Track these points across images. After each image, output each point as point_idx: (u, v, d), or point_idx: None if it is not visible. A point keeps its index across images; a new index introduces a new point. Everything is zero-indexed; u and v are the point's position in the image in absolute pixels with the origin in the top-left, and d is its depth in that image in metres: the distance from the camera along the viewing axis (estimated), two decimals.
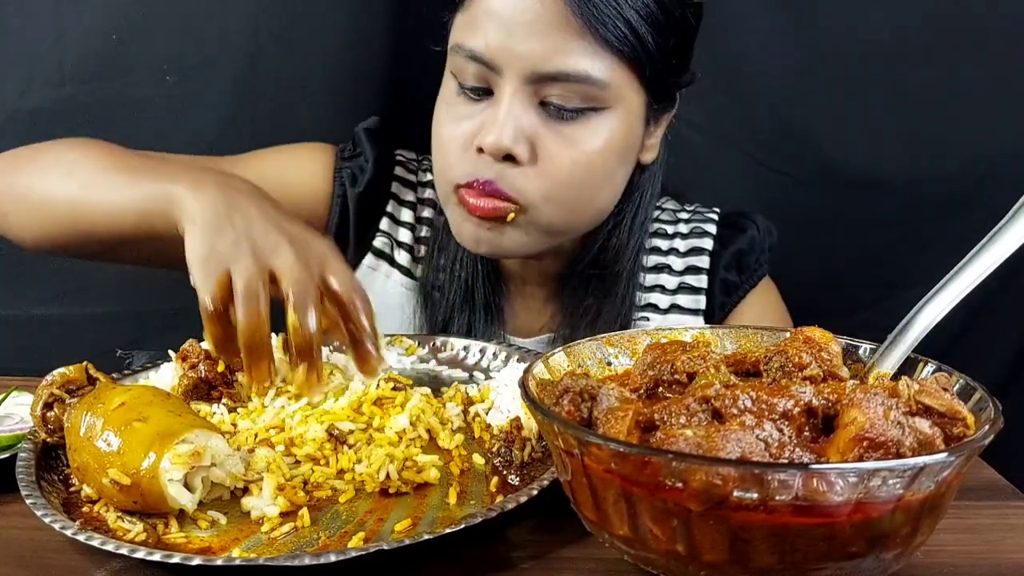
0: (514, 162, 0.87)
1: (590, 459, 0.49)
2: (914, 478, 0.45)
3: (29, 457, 0.65)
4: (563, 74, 0.85)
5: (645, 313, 1.06)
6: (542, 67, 0.85)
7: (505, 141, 0.86)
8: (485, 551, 0.59)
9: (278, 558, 0.53)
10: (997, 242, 0.57)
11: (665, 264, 1.08)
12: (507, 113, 0.86)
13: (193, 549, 0.57)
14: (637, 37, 0.86)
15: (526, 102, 0.87)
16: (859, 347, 0.62)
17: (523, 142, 0.87)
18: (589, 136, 0.89)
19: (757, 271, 1.09)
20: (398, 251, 1.08)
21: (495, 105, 0.88)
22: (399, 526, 0.59)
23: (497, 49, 0.85)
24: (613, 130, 0.90)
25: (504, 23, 0.85)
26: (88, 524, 0.59)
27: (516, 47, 0.85)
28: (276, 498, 0.61)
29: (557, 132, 0.88)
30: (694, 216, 1.11)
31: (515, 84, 0.86)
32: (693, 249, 1.08)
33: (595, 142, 0.89)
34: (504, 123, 0.86)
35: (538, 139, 0.88)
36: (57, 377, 0.68)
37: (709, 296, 1.06)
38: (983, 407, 0.52)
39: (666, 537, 0.48)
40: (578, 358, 0.64)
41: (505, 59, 0.85)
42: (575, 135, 0.89)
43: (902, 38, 1.29)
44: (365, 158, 1.06)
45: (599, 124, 0.89)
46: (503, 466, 0.67)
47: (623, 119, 0.91)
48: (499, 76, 0.87)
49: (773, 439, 0.48)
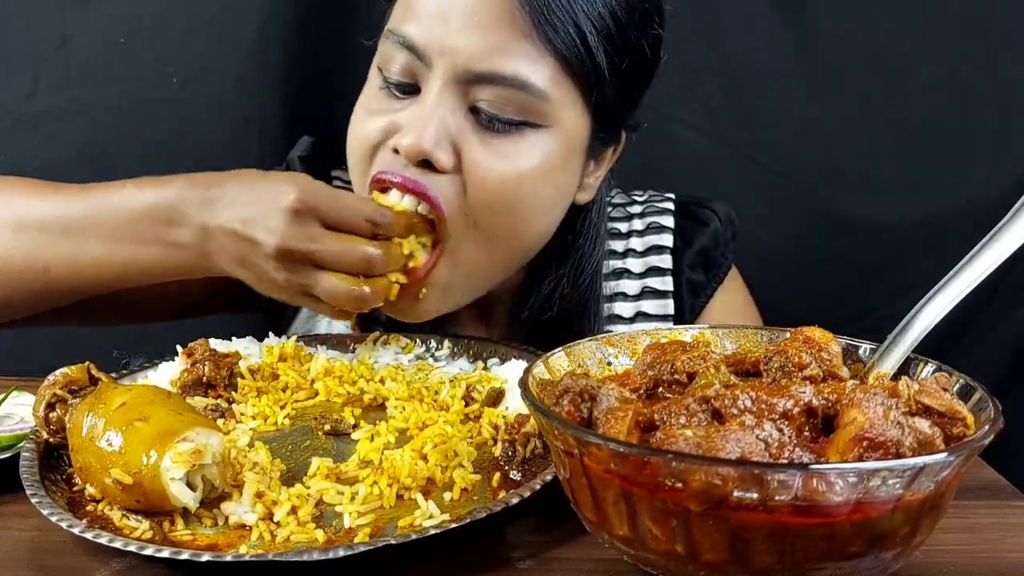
0: (433, 170, 0.78)
1: (590, 459, 0.49)
2: (914, 478, 0.45)
3: (32, 457, 0.65)
4: (499, 76, 0.76)
5: (610, 326, 0.98)
6: (476, 65, 0.76)
7: (426, 142, 0.76)
8: (485, 551, 0.59)
9: (286, 553, 0.53)
10: (997, 242, 0.57)
11: (624, 268, 1.00)
12: (432, 112, 0.77)
13: (200, 546, 0.57)
14: (587, 48, 0.77)
15: (455, 103, 0.78)
16: (859, 347, 0.62)
17: (446, 146, 0.77)
18: (522, 153, 0.79)
19: (723, 265, 1.03)
20: None
21: (420, 102, 0.79)
22: (403, 522, 0.59)
23: (429, 38, 0.77)
24: (549, 152, 0.80)
25: (441, 12, 0.77)
26: (94, 523, 0.59)
27: (450, 39, 0.76)
28: (255, 505, 0.60)
29: (486, 143, 0.78)
30: (647, 209, 1.03)
31: (444, 80, 0.77)
32: (652, 248, 1.01)
33: (528, 161, 0.79)
34: (427, 122, 0.76)
35: (464, 146, 0.78)
36: (59, 377, 0.68)
37: (677, 299, 1.00)
38: (983, 407, 0.53)
39: (666, 537, 0.48)
40: (578, 358, 0.64)
41: (437, 50, 0.77)
42: (506, 149, 0.79)
43: (902, 38, 1.29)
44: None
45: (535, 142, 0.80)
46: (505, 462, 0.67)
47: (562, 142, 0.81)
48: (428, 69, 0.78)
49: (773, 439, 0.48)
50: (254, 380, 0.77)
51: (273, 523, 0.59)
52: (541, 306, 0.92)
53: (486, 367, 0.85)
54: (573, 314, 0.93)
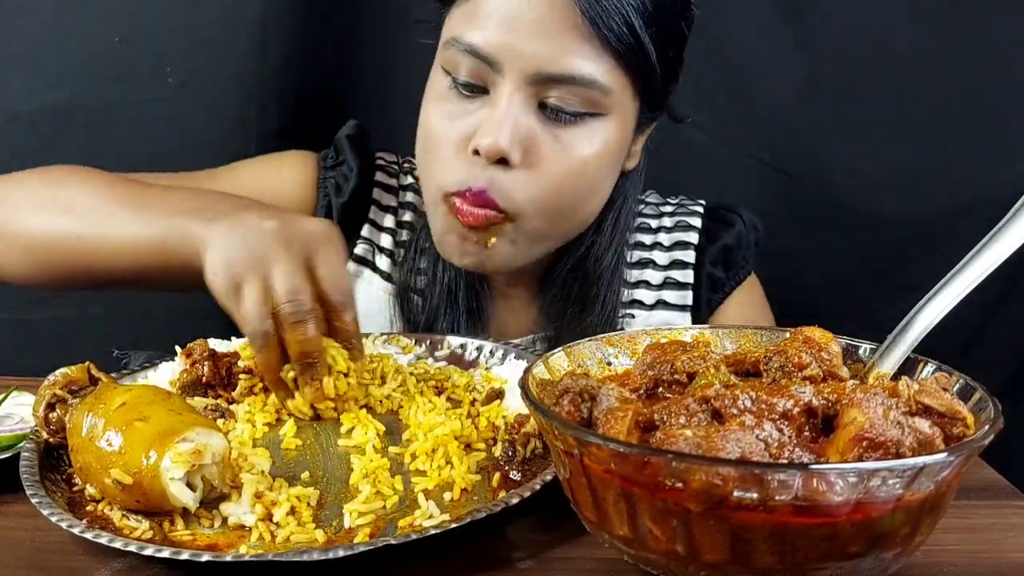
0: (507, 165, 0.85)
1: (590, 459, 0.49)
2: (914, 478, 0.45)
3: (32, 457, 0.65)
4: (569, 76, 0.83)
5: (631, 310, 1.04)
6: (547, 68, 0.83)
7: (503, 143, 0.83)
8: (485, 550, 0.59)
9: (286, 553, 0.53)
10: (997, 242, 0.57)
11: (649, 259, 1.06)
12: (506, 114, 0.84)
13: (200, 546, 0.57)
14: (640, 43, 0.84)
15: (525, 103, 0.85)
16: (859, 347, 0.62)
17: (519, 145, 0.84)
18: (586, 142, 0.87)
19: (744, 268, 1.08)
20: (379, 257, 1.06)
21: (492, 105, 0.85)
22: (403, 522, 0.59)
23: (499, 46, 0.83)
24: (609, 137, 0.88)
25: (508, 20, 0.83)
26: (94, 523, 0.59)
27: (520, 46, 0.82)
28: (254, 506, 0.60)
29: (554, 136, 0.86)
30: (678, 209, 1.09)
31: (515, 83, 0.84)
32: (678, 243, 1.06)
33: (590, 148, 0.87)
34: (502, 124, 0.83)
35: (534, 142, 0.85)
36: (59, 377, 0.68)
37: (695, 292, 1.05)
38: (983, 407, 0.53)
39: (666, 537, 0.48)
40: (578, 358, 0.64)
41: (507, 57, 0.83)
42: (572, 140, 0.87)
43: (902, 36, 1.29)
44: (348, 166, 1.05)
45: (596, 130, 0.87)
46: (505, 462, 0.67)
47: (619, 126, 0.89)
48: (498, 74, 0.84)
49: (773, 439, 0.48)
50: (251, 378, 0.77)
51: (273, 523, 0.59)
52: (577, 262, 0.99)
53: (486, 367, 0.85)
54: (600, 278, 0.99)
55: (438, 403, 0.75)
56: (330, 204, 1.04)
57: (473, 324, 1.01)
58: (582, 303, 0.99)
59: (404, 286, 1.03)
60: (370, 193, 1.07)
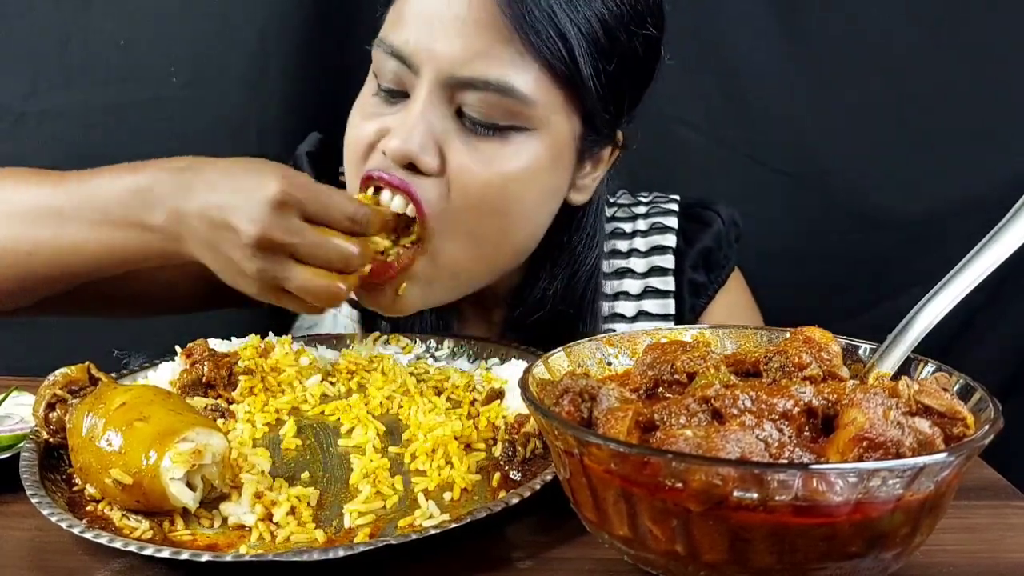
0: (419, 173, 0.78)
1: (590, 459, 0.49)
2: (914, 478, 0.45)
3: (32, 457, 0.65)
4: (482, 81, 0.77)
5: (611, 324, 0.99)
6: (460, 71, 0.77)
7: (412, 146, 0.77)
8: (485, 550, 0.59)
9: (286, 553, 0.53)
10: (997, 242, 0.57)
11: (627, 268, 1.01)
12: (418, 117, 0.78)
13: (200, 546, 0.57)
14: (571, 53, 0.77)
15: (441, 108, 0.78)
16: (859, 347, 0.62)
17: (432, 151, 0.78)
18: (507, 156, 0.79)
19: (725, 267, 1.03)
20: None
21: (407, 108, 0.80)
22: (403, 522, 0.59)
23: (415, 46, 0.78)
24: (536, 155, 0.80)
25: (427, 19, 0.78)
26: (94, 523, 0.59)
27: (435, 46, 0.77)
28: (254, 506, 0.60)
29: (472, 147, 0.79)
30: (652, 209, 1.04)
31: (430, 86, 0.78)
32: (655, 248, 1.01)
33: (513, 164, 0.79)
34: (413, 127, 0.77)
35: (449, 150, 0.79)
36: (59, 377, 0.68)
37: (678, 299, 1.00)
38: (983, 407, 0.53)
39: (666, 537, 0.48)
40: (578, 358, 0.64)
41: (422, 58, 0.78)
42: (491, 152, 0.79)
43: (902, 39, 1.29)
44: None
45: (520, 145, 0.80)
46: (505, 462, 0.67)
47: (549, 145, 0.81)
48: (415, 76, 0.79)
49: (773, 439, 0.48)
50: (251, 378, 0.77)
51: (273, 523, 0.59)
52: (534, 305, 0.92)
53: (487, 367, 0.85)
54: (569, 314, 0.93)
55: (438, 403, 0.75)
56: None
57: None
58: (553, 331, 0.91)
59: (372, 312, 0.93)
60: None
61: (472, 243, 0.82)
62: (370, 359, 0.83)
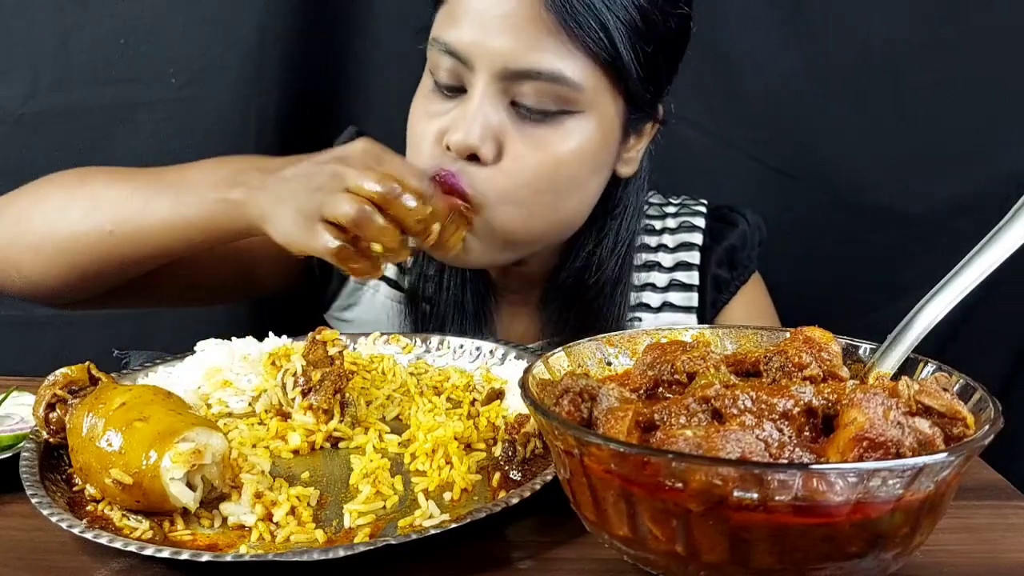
0: (479, 161, 0.85)
1: (590, 459, 0.49)
2: (914, 478, 0.45)
3: (32, 457, 0.65)
4: (534, 72, 0.83)
5: (637, 313, 1.04)
6: (513, 64, 0.83)
7: (472, 139, 0.83)
8: (485, 550, 0.59)
9: (286, 554, 0.53)
10: (997, 242, 0.57)
11: (654, 261, 1.06)
12: (476, 110, 0.84)
13: (200, 546, 0.57)
14: (612, 41, 0.83)
15: (496, 100, 0.85)
16: (859, 347, 0.62)
17: (490, 141, 0.84)
18: (560, 139, 0.86)
19: (748, 267, 1.08)
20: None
21: (466, 102, 0.86)
22: (403, 522, 0.59)
23: (469, 43, 0.84)
24: (586, 135, 0.87)
25: (478, 17, 0.83)
26: (94, 523, 0.59)
27: (488, 42, 0.83)
28: (254, 506, 0.60)
29: (526, 134, 0.86)
30: (681, 210, 1.10)
31: (486, 81, 0.84)
32: (682, 244, 1.07)
33: (565, 146, 0.87)
34: (472, 121, 0.84)
35: (506, 139, 0.85)
36: (60, 377, 0.68)
37: (701, 293, 1.05)
38: (983, 407, 0.53)
39: (666, 537, 0.48)
40: (578, 358, 0.64)
41: (477, 54, 0.84)
42: (545, 137, 0.86)
43: (902, 39, 1.29)
44: None
45: (571, 128, 0.87)
46: (505, 462, 0.67)
47: (597, 125, 0.88)
48: (471, 72, 0.85)
49: (773, 439, 0.48)
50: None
51: (273, 523, 0.59)
52: (578, 272, 0.98)
53: (487, 367, 0.85)
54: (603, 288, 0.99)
55: (438, 403, 0.76)
56: None
57: (479, 330, 1.01)
58: (585, 314, 0.99)
59: (413, 292, 1.03)
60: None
61: (522, 214, 0.88)
62: (370, 359, 0.83)
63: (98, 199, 0.87)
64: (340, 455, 0.69)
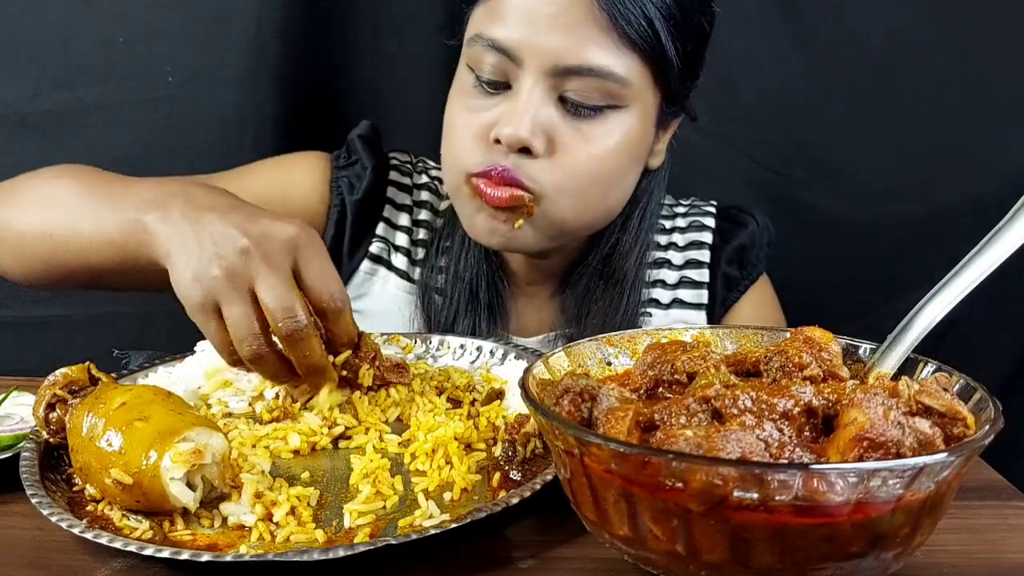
0: (529, 155, 0.87)
1: (590, 459, 0.49)
2: (914, 478, 0.45)
3: (32, 457, 0.65)
4: (586, 68, 0.85)
5: (648, 309, 1.05)
6: (565, 60, 0.84)
7: (523, 132, 0.85)
8: (485, 550, 0.59)
9: (286, 553, 0.53)
10: (997, 242, 0.57)
11: (665, 259, 1.08)
12: (526, 105, 0.86)
13: (200, 546, 0.57)
14: (658, 37, 0.86)
15: (545, 96, 0.86)
16: (859, 347, 0.62)
17: (540, 135, 0.86)
18: (606, 133, 0.89)
19: (757, 267, 1.09)
20: (395, 255, 1.07)
21: (513, 97, 0.87)
22: (403, 522, 0.59)
23: (519, 40, 0.85)
24: (630, 129, 0.90)
25: (527, 14, 0.85)
26: (95, 523, 0.59)
27: (539, 39, 0.84)
28: (254, 506, 0.60)
29: (575, 128, 0.88)
30: (691, 210, 1.11)
31: (535, 76, 0.86)
32: (692, 243, 1.08)
33: (612, 140, 0.89)
34: (523, 114, 0.85)
35: (555, 133, 0.87)
36: (60, 377, 0.68)
37: (711, 290, 1.06)
38: (983, 407, 0.53)
39: (666, 537, 0.48)
40: (578, 358, 0.64)
41: (527, 50, 0.85)
42: (593, 132, 0.88)
43: (901, 39, 1.29)
44: (363, 165, 1.06)
45: (616, 122, 0.89)
46: (505, 462, 0.67)
47: (639, 119, 0.91)
48: (519, 68, 0.86)
49: (773, 439, 0.48)
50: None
51: (273, 523, 0.59)
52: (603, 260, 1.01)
53: (487, 367, 0.85)
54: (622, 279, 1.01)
55: (438, 403, 0.76)
56: (344, 202, 1.05)
57: (493, 321, 1.02)
58: (607, 301, 1.00)
59: (425, 285, 1.04)
60: (384, 191, 1.08)
61: (577, 205, 0.91)
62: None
63: (52, 201, 0.86)
64: (340, 455, 0.69)
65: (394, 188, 1.09)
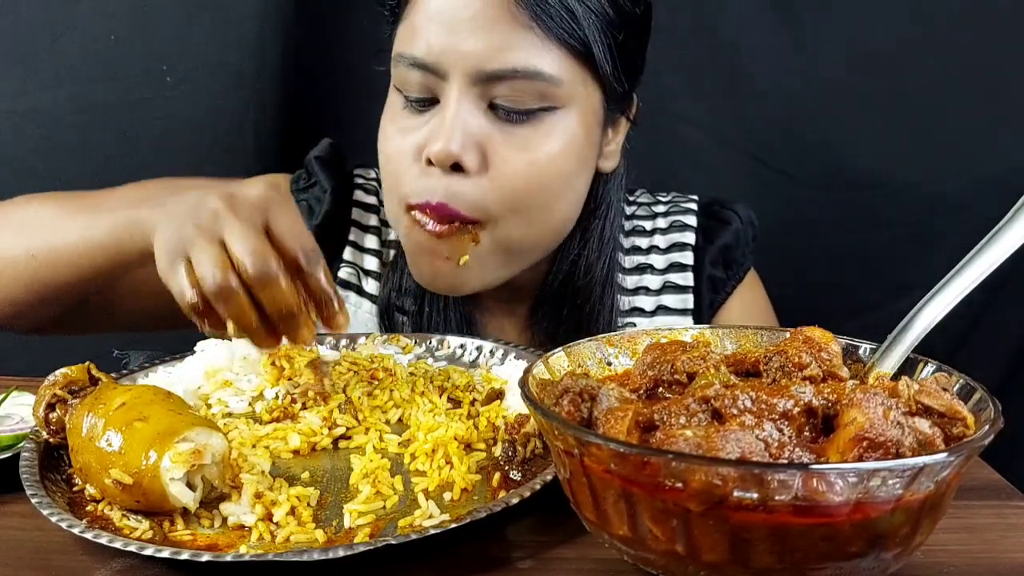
0: (463, 172, 0.82)
1: (590, 459, 0.49)
2: (914, 478, 0.45)
3: (32, 457, 0.65)
4: (511, 71, 0.80)
5: (632, 318, 1.02)
6: (488, 65, 0.80)
7: (453, 147, 0.80)
8: (485, 550, 0.59)
9: (286, 553, 0.53)
10: (997, 242, 0.57)
11: (647, 264, 1.04)
12: (454, 118, 0.81)
13: (200, 546, 0.57)
14: (584, 30, 0.81)
15: (473, 105, 0.82)
16: (859, 347, 0.62)
17: (472, 149, 0.81)
18: (544, 138, 0.84)
19: (743, 265, 1.06)
20: (366, 280, 1.02)
21: (441, 112, 0.83)
22: (403, 522, 0.59)
23: (439, 51, 0.81)
24: (569, 130, 0.85)
25: (445, 23, 0.81)
26: (95, 523, 0.59)
27: (459, 46, 0.80)
28: (254, 506, 0.60)
29: (509, 135, 0.83)
30: (671, 208, 1.07)
31: (460, 86, 0.81)
32: (675, 244, 1.04)
33: (551, 144, 0.84)
34: (452, 128, 0.81)
35: (489, 144, 0.82)
36: (60, 377, 0.68)
37: (697, 294, 1.03)
38: (983, 407, 0.53)
39: (666, 537, 0.48)
40: (578, 358, 0.64)
41: (449, 61, 0.81)
42: (529, 138, 0.83)
43: (902, 38, 1.29)
44: (322, 188, 1.02)
45: (554, 124, 0.84)
46: (505, 462, 0.67)
47: (579, 118, 0.86)
48: (444, 80, 0.82)
49: (773, 439, 0.48)
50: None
51: (273, 523, 0.59)
52: (566, 276, 0.96)
53: (487, 367, 0.85)
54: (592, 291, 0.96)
55: (438, 403, 0.76)
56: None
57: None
58: (576, 318, 0.96)
59: (386, 305, 0.99)
60: (348, 214, 1.03)
61: (523, 221, 0.86)
62: (370, 359, 0.83)
63: (26, 224, 0.86)
64: (340, 455, 0.69)
65: (359, 209, 1.04)
